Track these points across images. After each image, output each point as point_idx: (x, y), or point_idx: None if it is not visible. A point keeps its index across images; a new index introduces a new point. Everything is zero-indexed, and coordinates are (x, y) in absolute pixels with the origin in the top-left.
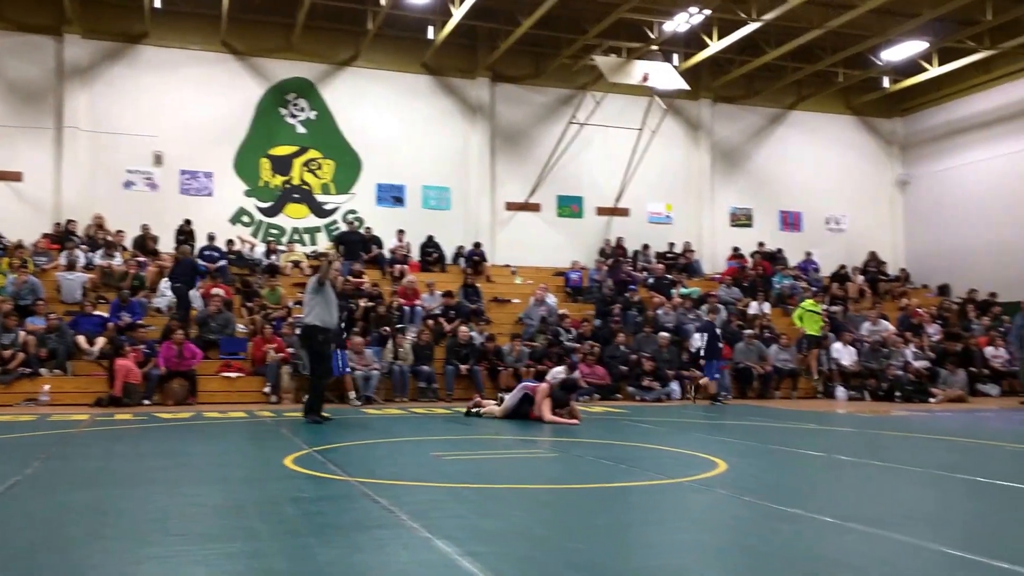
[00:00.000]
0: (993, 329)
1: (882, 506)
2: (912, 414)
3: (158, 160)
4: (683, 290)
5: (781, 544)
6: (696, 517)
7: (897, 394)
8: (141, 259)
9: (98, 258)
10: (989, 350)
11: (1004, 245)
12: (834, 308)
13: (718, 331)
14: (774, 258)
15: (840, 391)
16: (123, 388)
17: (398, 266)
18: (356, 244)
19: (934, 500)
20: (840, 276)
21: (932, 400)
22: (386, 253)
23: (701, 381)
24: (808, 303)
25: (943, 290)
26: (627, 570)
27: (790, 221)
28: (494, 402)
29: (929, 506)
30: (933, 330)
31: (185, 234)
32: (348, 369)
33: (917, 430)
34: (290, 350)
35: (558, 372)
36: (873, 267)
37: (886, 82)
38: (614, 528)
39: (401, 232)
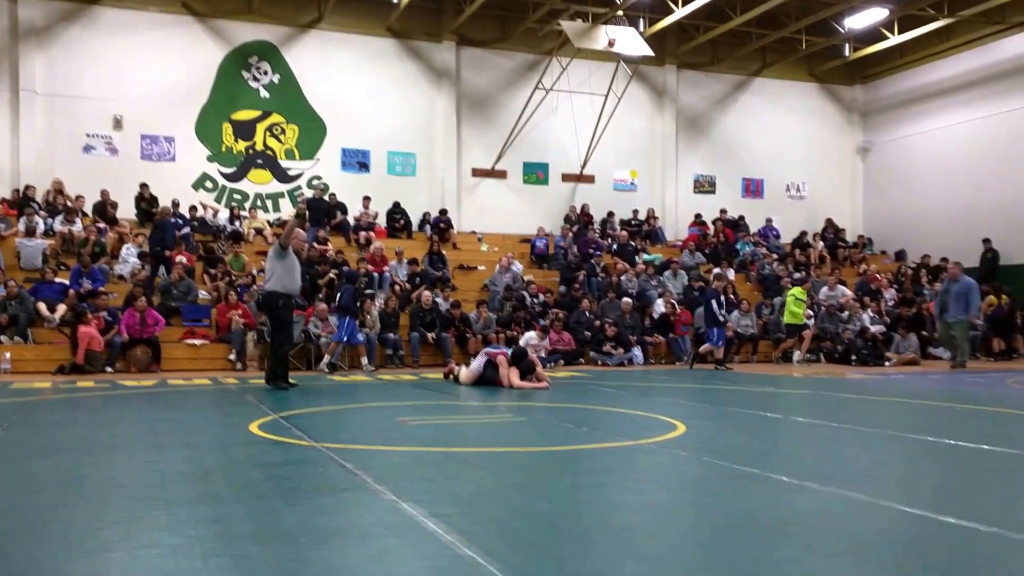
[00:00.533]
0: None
1: (837, 465)
2: (867, 377)
3: (118, 124)
4: (646, 256)
5: (738, 503)
6: (656, 477)
7: (853, 357)
8: (101, 225)
9: (58, 224)
10: None
11: (958, 212)
12: (796, 275)
13: (722, 299)
14: (736, 225)
15: (796, 355)
16: (85, 355)
17: (363, 233)
18: (322, 211)
19: (886, 459)
20: (801, 243)
21: (886, 363)
22: (351, 220)
23: (702, 348)
24: (798, 291)
25: (900, 256)
26: (589, 528)
27: (752, 188)
28: (466, 367)
29: (881, 465)
30: (889, 295)
31: (146, 200)
32: (360, 338)
33: (871, 392)
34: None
35: (531, 337)
36: (831, 233)
37: (848, 50)
38: (577, 489)
39: (367, 199)
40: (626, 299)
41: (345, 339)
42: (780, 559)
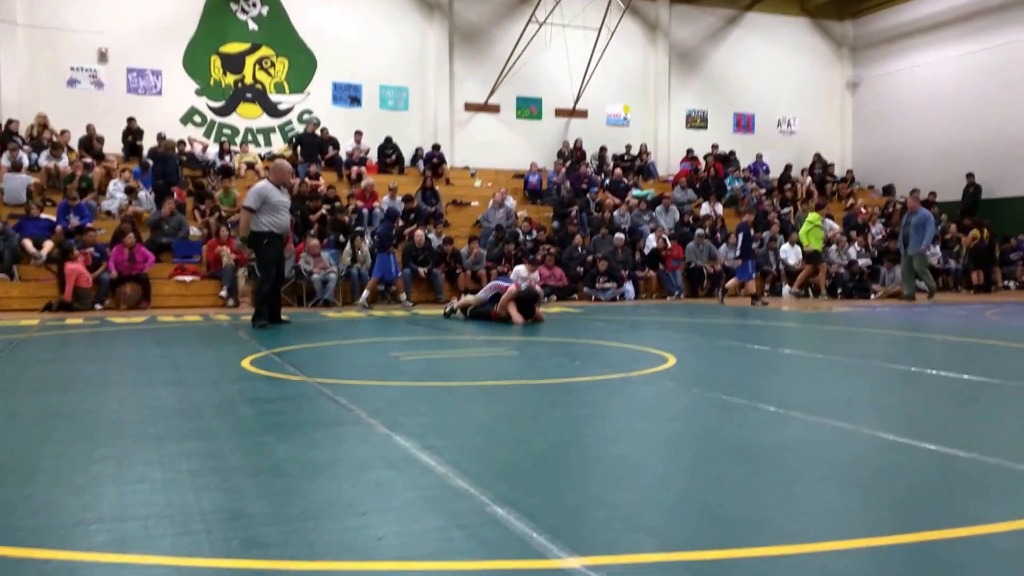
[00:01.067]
0: None
1: (822, 396)
2: (853, 310)
3: (103, 57)
4: (637, 192)
5: (726, 433)
6: (645, 408)
7: (839, 291)
8: (88, 160)
9: (43, 159)
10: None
11: (944, 146)
12: (784, 209)
13: (751, 232)
14: (727, 160)
15: (785, 289)
16: (73, 292)
17: (355, 168)
18: (314, 146)
19: (870, 389)
20: (788, 178)
21: (872, 296)
22: (343, 155)
23: (728, 284)
24: (813, 216)
25: (888, 190)
26: (580, 459)
27: (743, 123)
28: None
29: (866, 395)
30: (877, 229)
31: (133, 134)
32: (398, 273)
33: (857, 324)
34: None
35: (520, 271)
36: (819, 168)
37: None
38: (567, 420)
39: (359, 134)
40: (619, 235)
41: (383, 275)
42: (766, 485)
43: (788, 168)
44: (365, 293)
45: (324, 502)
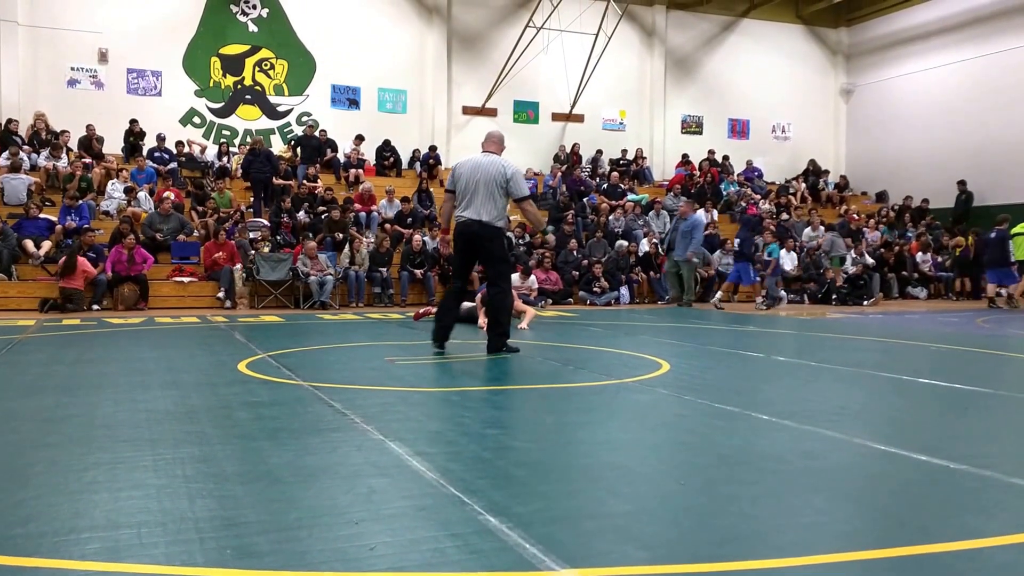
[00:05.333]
0: (923, 236)
1: (814, 404)
2: (846, 316)
3: (103, 57)
4: (631, 196)
5: (718, 441)
6: (639, 416)
7: (833, 297)
8: (87, 160)
9: (42, 159)
10: (919, 255)
11: (937, 154)
12: (783, 217)
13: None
14: (722, 167)
15: (780, 294)
16: (68, 294)
17: (353, 171)
18: (312, 148)
19: (862, 398)
20: (786, 187)
21: (864, 303)
22: (341, 157)
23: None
24: (1022, 227)
25: (881, 197)
26: (573, 467)
27: (739, 129)
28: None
29: (857, 403)
30: (874, 237)
31: (134, 135)
32: (756, 278)
33: (850, 332)
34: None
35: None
36: (813, 175)
37: None
38: (560, 427)
39: (359, 138)
40: (621, 242)
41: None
42: (759, 495)
43: (788, 181)
44: (719, 294)
45: (318, 510)
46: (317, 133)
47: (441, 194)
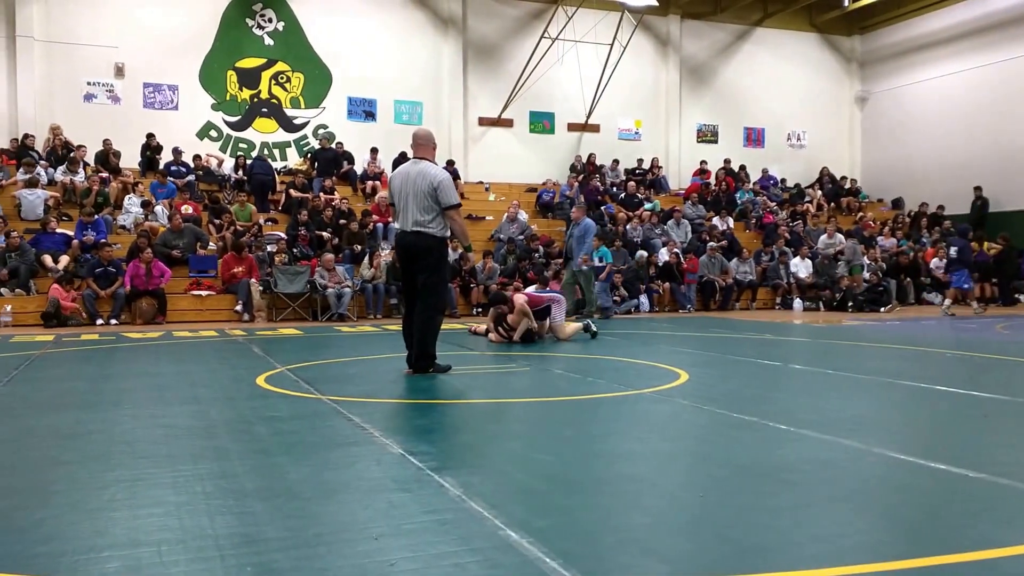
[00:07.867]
0: (938, 242)
1: (833, 413)
2: (863, 323)
3: (119, 72)
4: (647, 205)
5: (738, 451)
6: (658, 427)
7: (850, 304)
8: (104, 175)
9: (59, 174)
10: (934, 262)
11: (952, 160)
12: (794, 223)
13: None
14: (737, 175)
15: (796, 302)
16: (60, 308)
17: (370, 183)
18: (329, 160)
19: (880, 406)
20: (801, 195)
21: (881, 310)
22: (357, 169)
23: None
24: None
25: (897, 204)
26: (592, 479)
27: (754, 138)
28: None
29: (876, 412)
30: (890, 243)
31: (151, 149)
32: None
33: (867, 339)
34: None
35: (529, 290)
36: (828, 182)
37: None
38: (580, 439)
39: (375, 151)
40: (642, 252)
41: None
42: (778, 507)
43: (798, 187)
44: (948, 301)
45: (337, 525)
46: (333, 145)
47: (462, 206)
